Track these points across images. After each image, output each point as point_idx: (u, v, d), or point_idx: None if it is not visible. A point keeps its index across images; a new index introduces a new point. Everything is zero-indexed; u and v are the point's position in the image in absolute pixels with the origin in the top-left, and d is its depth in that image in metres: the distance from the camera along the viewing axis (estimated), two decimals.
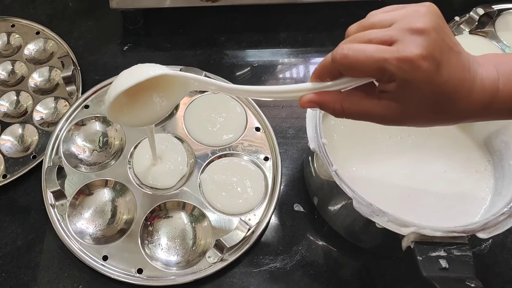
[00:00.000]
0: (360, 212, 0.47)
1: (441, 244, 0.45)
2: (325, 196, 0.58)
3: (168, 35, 0.79)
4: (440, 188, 0.55)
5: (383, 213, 0.47)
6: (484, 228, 0.46)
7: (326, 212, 0.60)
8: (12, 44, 0.76)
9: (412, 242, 0.46)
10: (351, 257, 0.59)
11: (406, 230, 0.46)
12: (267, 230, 0.60)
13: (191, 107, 0.68)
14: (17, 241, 0.60)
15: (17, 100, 0.70)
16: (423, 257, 0.45)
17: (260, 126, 0.67)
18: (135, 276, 0.55)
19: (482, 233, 0.46)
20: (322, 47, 0.77)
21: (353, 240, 0.58)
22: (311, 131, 0.53)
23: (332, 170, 0.50)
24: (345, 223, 0.57)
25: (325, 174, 0.54)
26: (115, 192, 0.61)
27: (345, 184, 0.49)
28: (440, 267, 0.44)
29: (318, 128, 0.53)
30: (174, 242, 0.58)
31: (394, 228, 0.46)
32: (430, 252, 0.45)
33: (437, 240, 0.46)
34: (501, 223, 0.47)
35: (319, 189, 0.59)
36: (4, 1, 0.82)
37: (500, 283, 0.57)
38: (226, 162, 0.63)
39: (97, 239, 0.58)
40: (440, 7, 0.37)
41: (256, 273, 0.58)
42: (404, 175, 0.56)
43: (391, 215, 0.47)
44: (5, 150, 0.65)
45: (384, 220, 0.47)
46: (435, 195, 0.55)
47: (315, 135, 0.52)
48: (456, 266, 0.44)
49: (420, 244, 0.45)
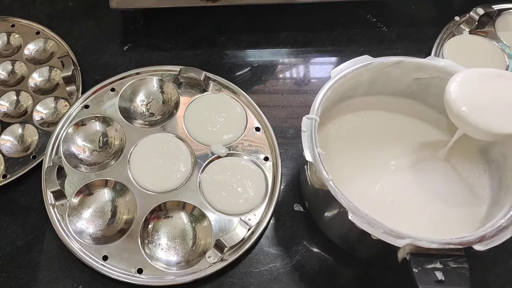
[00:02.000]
0: (355, 222, 0.46)
1: (437, 256, 0.45)
2: (317, 204, 0.58)
3: (168, 35, 0.79)
4: (436, 199, 0.55)
5: (378, 225, 0.46)
6: (481, 240, 0.46)
7: (320, 220, 0.59)
8: (12, 44, 0.76)
9: (408, 254, 0.45)
10: (351, 257, 0.59)
11: (401, 242, 0.45)
12: (267, 230, 0.60)
13: (191, 107, 0.68)
14: (17, 241, 0.60)
15: (17, 100, 0.70)
16: (419, 269, 0.44)
17: (260, 126, 0.67)
18: (135, 276, 0.55)
19: (479, 245, 0.45)
20: (322, 47, 0.77)
21: (349, 250, 0.58)
22: (307, 141, 0.52)
23: (328, 180, 0.49)
24: (339, 232, 0.57)
25: (318, 183, 0.54)
26: (115, 192, 0.61)
27: (340, 194, 0.48)
28: (436, 279, 0.44)
29: (314, 137, 0.52)
30: (174, 242, 0.58)
31: (390, 239, 0.45)
32: (426, 264, 0.44)
33: (433, 252, 0.45)
34: (498, 235, 0.46)
35: (312, 196, 0.59)
36: (4, 1, 0.82)
37: (499, 284, 0.57)
38: (226, 162, 0.63)
39: (97, 239, 0.58)
40: (440, 7, 0.37)
41: (256, 273, 0.58)
42: (400, 186, 0.56)
43: (386, 227, 0.46)
44: (5, 150, 0.65)
45: (379, 231, 0.46)
46: (431, 206, 0.55)
47: (310, 145, 0.51)
48: (452, 279, 0.44)
49: (416, 256, 0.45)
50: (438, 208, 0.54)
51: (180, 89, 0.70)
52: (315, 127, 0.52)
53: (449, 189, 0.56)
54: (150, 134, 0.65)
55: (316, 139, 0.52)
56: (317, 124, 0.53)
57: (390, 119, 0.62)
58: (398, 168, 0.58)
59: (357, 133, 0.60)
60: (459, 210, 0.54)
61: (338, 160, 0.57)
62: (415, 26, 0.78)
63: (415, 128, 0.61)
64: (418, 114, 0.62)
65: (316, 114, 0.54)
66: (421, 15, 0.80)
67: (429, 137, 0.60)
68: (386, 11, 0.81)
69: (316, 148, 0.51)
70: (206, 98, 0.69)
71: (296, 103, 0.72)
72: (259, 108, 0.68)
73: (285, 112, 0.70)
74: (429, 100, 0.62)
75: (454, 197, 0.55)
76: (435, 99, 0.60)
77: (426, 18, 0.79)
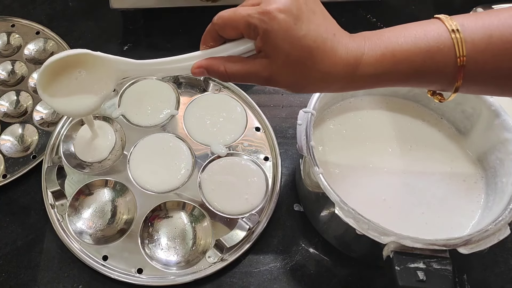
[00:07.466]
0: (341, 217, 0.47)
1: (421, 256, 0.45)
2: (311, 204, 0.58)
3: (168, 35, 0.79)
4: (430, 201, 0.55)
5: (364, 221, 0.46)
6: (466, 243, 0.45)
7: (315, 222, 0.59)
8: (12, 44, 0.76)
9: (391, 252, 0.46)
10: (351, 257, 0.59)
11: (386, 239, 0.46)
12: (267, 230, 0.60)
13: (191, 107, 0.68)
14: (17, 241, 0.60)
15: (17, 100, 0.70)
16: (401, 267, 0.45)
17: (260, 126, 0.67)
18: (135, 276, 0.55)
19: (464, 248, 0.45)
20: None
21: (345, 251, 0.58)
22: (301, 134, 0.52)
23: (318, 173, 0.49)
24: (333, 233, 0.57)
25: (311, 185, 0.54)
26: (115, 192, 0.61)
27: (329, 188, 0.49)
28: (418, 278, 0.44)
29: (308, 130, 0.52)
30: (174, 242, 0.58)
31: (374, 236, 0.46)
32: (409, 263, 0.45)
33: (417, 252, 0.45)
34: (484, 240, 0.46)
35: (306, 198, 0.60)
36: (4, 1, 0.82)
37: (500, 283, 0.57)
38: (226, 162, 0.63)
39: (97, 239, 0.58)
40: (440, 7, 0.37)
41: (256, 273, 0.58)
42: (394, 186, 0.56)
43: (372, 223, 0.46)
44: (5, 150, 0.65)
45: (364, 227, 0.46)
46: (424, 207, 0.55)
47: (304, 138, 0.52)
48: (434, 280, 0.44)
49: (399, 254, 0.45)
50: (430, 210, 0.54)
51: (180, 89, 0.70)
52: (311, 120, 0.53)
53: (444, 192, 0.56)
54: (150, 134, 0.65)
55: (310, 133, 0.52)
56: (313, 118, 0.53)
57: (391, 119, 0.62)
58: (394, 168, 0.58)
59: (356, 131, 0.60)
60: (451, 214, 0.54)
61: (334, 156, 0.58)
62: None
63: (416, 129, 0.61)
64: (420, 116, 0.62)
65: (313, 109, 0.54)
66: (421, 15, 0.80)
67: (429, 139, 0.60)
68: (386, 11, 0.81)
69: (310, 141, 0.51)
70: (206, 98, 0.69)
71: (296, 103, 0.72)
72: (259, 108, 0.68)
73: (285, 112, 0.70)
74: (431, 105, 0.62)
75: (448, 200, 0.55)
76: (437, 104, 0.60)
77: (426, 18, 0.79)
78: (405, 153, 0.59)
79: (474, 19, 0.39)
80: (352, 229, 0.47)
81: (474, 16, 0.40)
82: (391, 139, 0.60)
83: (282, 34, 0.39)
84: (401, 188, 0.56)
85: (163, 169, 0.62)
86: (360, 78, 0.41)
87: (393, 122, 0.61)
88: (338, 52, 0.40)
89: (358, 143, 0.59)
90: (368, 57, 0.40)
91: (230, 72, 0.43)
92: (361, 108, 0.62)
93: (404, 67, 0.40)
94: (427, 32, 0.40)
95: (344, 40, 0.40)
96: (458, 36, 0.38)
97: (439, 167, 0.58)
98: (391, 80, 0.41)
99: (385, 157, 0.58)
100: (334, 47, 0.40)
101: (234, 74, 0.44)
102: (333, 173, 0.56)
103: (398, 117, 0.62)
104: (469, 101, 0.57)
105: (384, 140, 0.60)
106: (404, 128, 0.61)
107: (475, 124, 0.58)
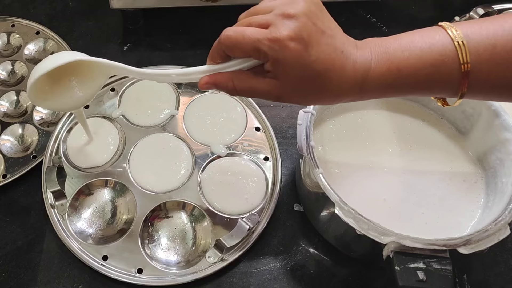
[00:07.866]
0: (341, 217, 0.47)
1: (421, 256, 0.45)
2: (311, 204, 0.58)
3: (168, 35, 0.79)
4: (430, 201, 0.55)
5: (364, 220, 0.46)
6: (466, 243, 0.46)
7: (315, 221, 0.59)
8: (12, 44, 0.76)
9: (391, 252, 0.46)
10: (351, 257, 0.59)
11: (386, 239, 0.46)
12: (267, 230, 0.60)
13: (191, 107, 0.68)
14: (17, 241, 0.60)
15: (17, 100, 0.70)
16: (401, 267, 0.45)
17: (260, 126, 0.67)
18: (135, 276, 0.55)
19: (464, 248, 0.45)
20: None
21: (345, 251, 0.58)
22: (301, 133, 0.53)
23: (318, 173, 0.50)
24: (334, 234, 0.57)
25: (311, 185, 0.54)
26: (115, 192, 0.61)
27: (329, 188, 0.49)
28: (417, 278, 0.44)
29: (308, 130, 0.52)
30: (174, 242, 0.58)
31: (374, 236, 0.46)
32: (409, 263, 0.45)
33: (417, 252, 0.45)
34: (484, 240, 0.46)
35: (306, 198, 0.60)
36: (4, 1, 0.82)
37: (500, 283, 0.57)
38: (226, 162, 0.63)
39: (97, 239, 0.58)
40: (440, 7, 0.38)
41: (256, 273, 0.58)
42: (394, 186, 0.56)
43: (372, 223, 0.46)
44: (5, 150, 0.65)
45: (364, 227, 0.46)
46: (424, 207, 0.55)
47: (304, 138, 0.52)
48: (434, 280, 0.44)
49: (399, 254, 0.45)
50: (430, 210, 0.54)
51: (180, 89, 0.70)
52: (311, 120, 0.53)
53: (444, 192, 0.56)
54: (150, 134, 0.65)
55: (310, 133, 0.52)
56: (313, 118, 0.53)
57: (391, 119, 0.62)
58: (394, 168, 0.58)
59: (356, 131, 0.60)
60: (451, 214, 0.54)
61: (334, 156, 0.58)
62: (415, 26, 0.77)
63: (416, 129, 0.61)
64: (420, 116, 0.62)
65: (313, 109, 0.54)
66: (421, 15, 0.80)
67: (429, 139, 0.60)
68: (386, 11, 0.81)
69: (310, 141, 0.51)
70: (206, 98, 0.69)
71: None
72: (259, 108, 0.68)
73: (285, 112, 0.70)
74: (431, 105, 0.62)
75: (448, 200, 0.55)
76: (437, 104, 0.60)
77: (426, 18, 0.79)
78: (405, 153, 0.59)
79: (478, 28, 0.40)
80: (352, 229, 0.47)
81: (478, 25, 0.40)
82: (391, 139, 0.60)
83: (293, 62, 0.39)
84: (401, 188, 0.56)
85: (163, 169, 0.62)
86: (367, 91, 0.42)
87: (393, 122, 0.62)
88: (346, 70, 0.40)
89: (358, 143, 0.59)
90: (375, 72, 0.41)
91: (239, 88, 0.43)
92: (361, 108, 0.62)
93: (410, 81, 0.41)
94: (432, 45, 0.40)
95: (351, 56, 0.41)
96: (462, 48, 0.39)
97: (439, 167, 0.58)
98: (397, 92, 0.42)
99: (385, 157, 0.58)
100: (343, 64, 0.40)
101: (243, 90, 0.44)
102: (333, 173, 0.56)
103: (398, 117, 0.62)
104: (469, 101, 0.57)
105: (384, 140, 0.60)
106: (404, 128, 0.61)
107: (475, 124, 0.58)
